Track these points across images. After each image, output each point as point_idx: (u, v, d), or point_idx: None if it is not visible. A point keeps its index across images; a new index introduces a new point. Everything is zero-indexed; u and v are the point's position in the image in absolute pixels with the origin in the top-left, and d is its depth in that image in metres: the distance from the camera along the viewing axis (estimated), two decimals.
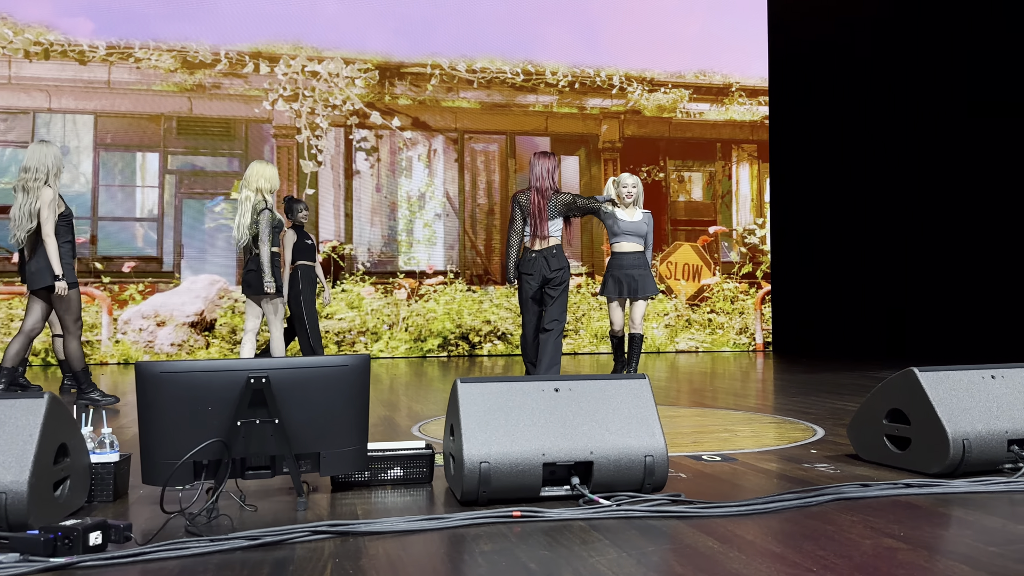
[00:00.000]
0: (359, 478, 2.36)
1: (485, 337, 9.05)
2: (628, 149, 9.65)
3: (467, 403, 2.20)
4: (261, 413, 2.04)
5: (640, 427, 2.23)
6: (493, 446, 2.13)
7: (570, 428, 2.20)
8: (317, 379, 2.09)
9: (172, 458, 1.99)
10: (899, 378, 2.56)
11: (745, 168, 10.08)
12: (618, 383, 2.32)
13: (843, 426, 3.43)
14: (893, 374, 2.62)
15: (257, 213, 4.68)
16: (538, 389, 2.26)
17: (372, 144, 8.94)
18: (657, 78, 9.73)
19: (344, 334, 8.62)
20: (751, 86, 9.98)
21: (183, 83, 8.44)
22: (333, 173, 8.81)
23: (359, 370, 2.13)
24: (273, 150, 8.64)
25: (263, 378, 2.03)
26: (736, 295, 9.82)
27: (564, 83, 9.43)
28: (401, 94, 9.00)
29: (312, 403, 2.09)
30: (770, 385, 6.03)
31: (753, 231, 10.01)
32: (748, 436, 3.34)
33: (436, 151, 9.14)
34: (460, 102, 9.19)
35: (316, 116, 8.73)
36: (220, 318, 8.36)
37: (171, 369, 2.02)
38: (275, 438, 2.05)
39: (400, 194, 8.94)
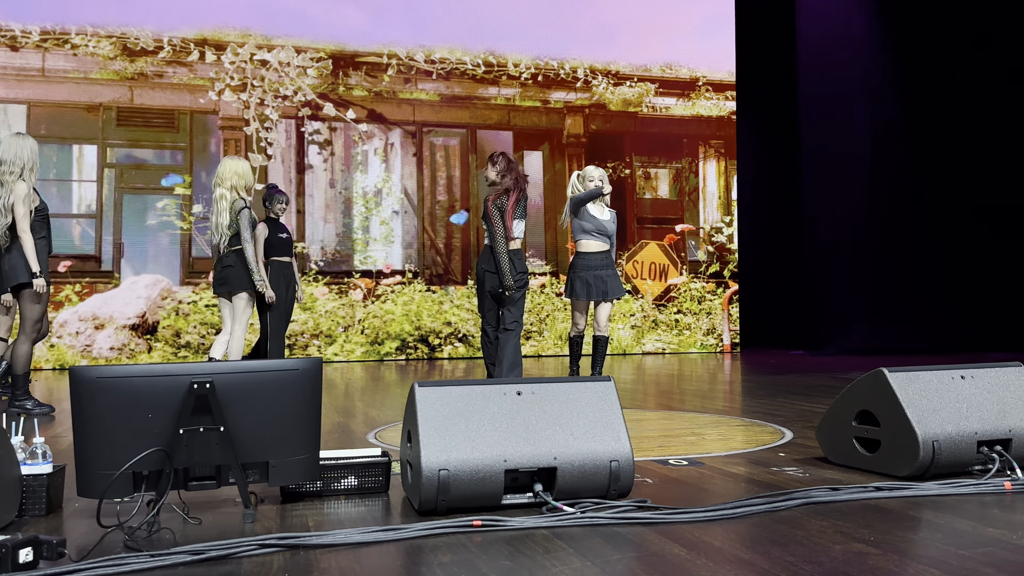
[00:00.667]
0: (311, 488, 2.33)
1: (445, 339, 9.02)
2: (593, 144, 9.70)
3: (425, 408, 2.18)
4: (205, 420, 2.00)
5: (605, 431, 2.24)
6: (452, 453, 2.11)
7: (533, 433, 2.19)
8: (265, 384, 2.06)
9: (110, 469, 1.94)
10: (868, 379, 2.60)
11: (712, 165, 10.19)
12: (583, 386, 2.32)
13: (812, 428, 3.48)
14: (862, 375, 2.66)
15: (236, 212, 4.80)
16: (499, 393, 2.25)
17: (325, 137, 8.85)
18: (623, 71, 9.80)
19: (296, 337, 8.53)
20: (718, 80, 10.10)
21: (123, 71, 8.27)
22: (284, 167, 8.71)
23: (310, 374, 2.10)
24: (219, 143, 8.51)
25: (207, 383, 1.99)
26: (703, 295, 9.92)
27: (527, 75, 9.44)
28: (356, 85, 8.93)
29: (260, 409, 2.05)
30: (738, 387, 6.10)
31: (720, 229, 10.12)
32: (715, 439, 3.37)
33: (393, 145, 9.09)
34: (418, 94, 9.14)
35: (265, 107, 8.62)
36: (163, 320, 8.21)
37: (108, 374, 1.97)
38: (220, 447, 2.02)
39: (355, 190, 8.87)
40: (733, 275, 10.07)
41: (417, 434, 2.14)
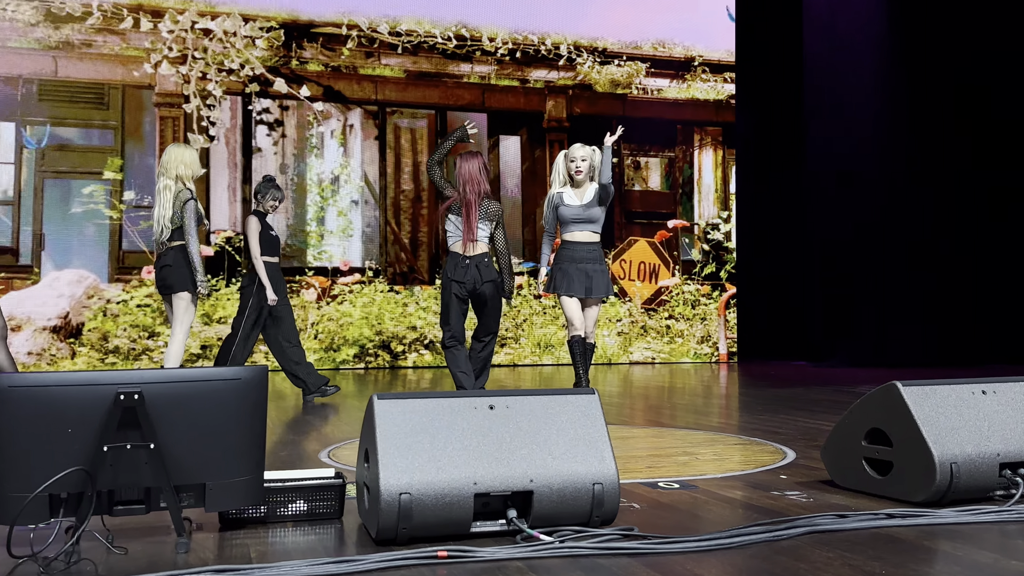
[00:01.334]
0: (254, 514, 2.30)
1: (409, 346, 8.98)
2: (577, 129, 9.71)
3: (385, 423, 2.15)
4: (133, 436, 1.97)
5: (588, 450, 2.23)
6: (415, 474, 2.09)
7: (507, 452, 2.18)
8: (203, 395, 2.02)
9: (23, 491, 1.89)
10: (880, 394, 2.61)
11: (709, 154, 10.25)
12: (563, 399, 2.31)
13: (816, 448, 3.50)
14: (873, 389, 2.67)
15: (182, 204, 4.87)
16: (470, 406, 2.23)
17: (276, 116, 8.78)
18: (610, 48, 9.83)
19: None
20: (716, 60, 10.17)
21: (46, 39, 8.14)
22: (228, 150, 8.62)
23: (255, 384, 2.07)
24: (155, 121, 8.41)
25: (135, 393, 1.96)
26: (698, 299, 9.98)
27: (504, 51, 9.44)
28: (311, 58, 8.87)
29: (196, 424, 2.02)
30: (735, 401, 6.13)
31: (717, 226, 10.18)
32: (710, 459, 3.38)
33: (353, 126, 9.03)
34: (382, 70, 9.10)
35: (208, 82, 8.53)
36: (88, 322, 8.09)
37: (22, 383, 1.92)
38: (150, 466, 1.98)
39: (310, 177, 8.81)
40: (731, 277, 10.13)
41: (375, 453, 2.11)
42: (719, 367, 9.40)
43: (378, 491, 2.07)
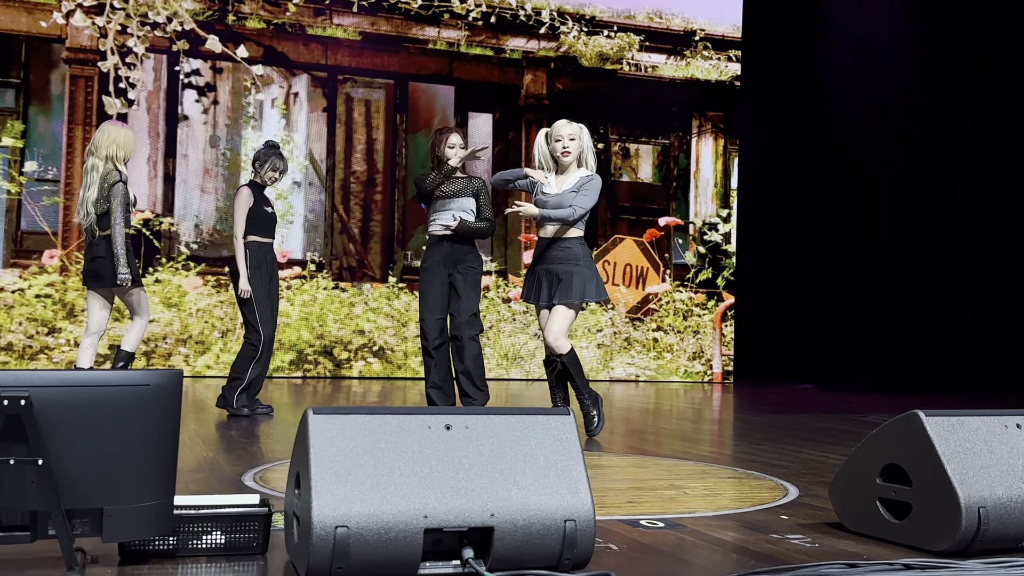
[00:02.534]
0: (161, 546, 2.25)
1: (356, 353, 8.94)
2: (558, 107, 9.70)
3: (321, 443, 2.11)
4: (17, 450, 1.91)
5: (559, 481, 2.20)
6: (355, 504, 2.05)
7: (464, 481, 2.14)
8: (104, 403, 1.97)
9: None
10: (898, 424, 2.61)
11: (708, 143, 10.30)
12: (532, 420, 2.28)
13: (822, 485, 3.51)
14: (890, 419, 2.66)
15: (109, 186, 5.06)
16: (422, 425, 2.19)
17: (207, 80, 8.69)
18: (600, 17, 9.85)
19: (156, 342, 8.35)
20: (720, 35, 10.22)
21: None
22: (150, 117, 8.53)
23: (166, 392, 2.02)
24: (65, 80, 8.29)
25: (22, 398, 1.90)
26: (690, 308, 10.01)
27: (477, 15, 9.42)
28: (251, 14, 8.79)
29: (95, 437, 1.97)
30: (729, 428, 6.15)
31: (715, 226, 10.23)
32: (700, 495, 3.37)
33: (298, 95, 8.97)
34: (334, 31, 9.04)
35: (129, 37, 8.43)
36: None
37: None
38: (37, 486, 1.92)
39: (245, 151, 8.73)
40: (729, 285, 10.18)
41: (308, 478, 2.07)
42: (712, 388, 9.44)
43: (310, 523, 2.02)
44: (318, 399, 6.99)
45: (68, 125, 8.25)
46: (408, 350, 9.07)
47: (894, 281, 9.74)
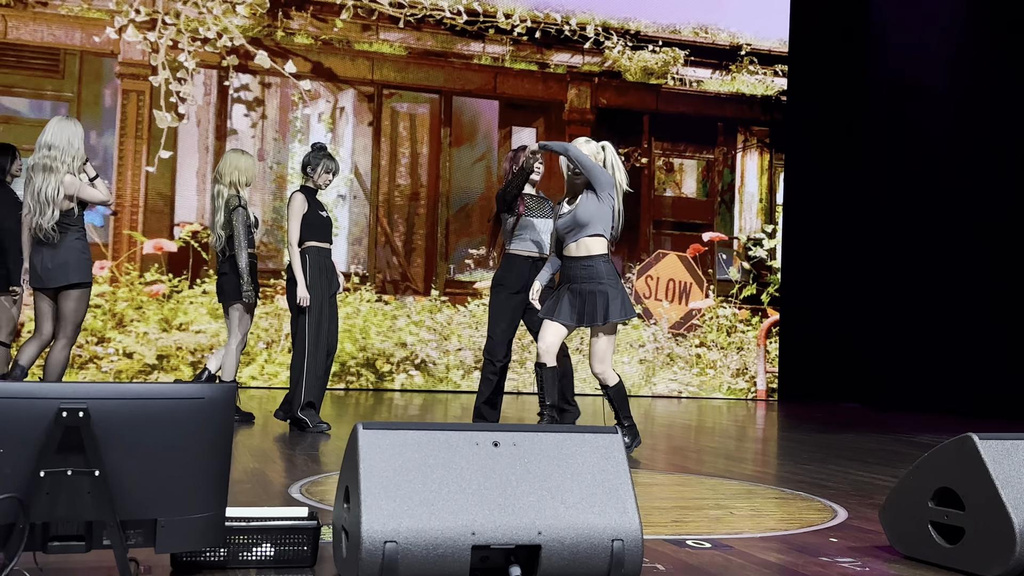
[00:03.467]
0: (212, 557, 2.27)
1: (398, 366, 8.97)
2: (603, 123, 9.70)
3: (370, 458, 2.12)
4: (75, 461, 1.93)
5: (607, 500, 2.19)
6: (404, 519, 2.06)
7: (512, 498, 2.15)
8: (159, 415, 2.00)
9: None
10: (952, 447, 2.58)
11: (754, 158, 10.24)
12: (579, 438, 2.28)
13: (872, 507, 3.47)
14: (941, 440, 2.63)
15: (231, 211, 5.38)
16: (470, 442, 2.20)
17: (256, 95, 8.80)
18: (644, 32, 9.84)
19: (203, 353, 8.44)
20: (766, 49, 10.17)
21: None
22: (199, 131, 8.64)
23: (220, 405, 2.05)
24: (117, 93, 8.43)
25: (80, 410, 1.92)
26: (734, 325, 9.94)
27: (521, 30, 9.45)
28: (299, 29, 8.89)
29: (149, 449, 1.99)
30: (774, 446, 6.10)
31: (760, 242, 10.16)
32: (746, 515, 3.35)
33: (344, 110, 9.05)
34: (380, 46, 9.12)
35: (180, 52, 8.55)
36: (29, 323, 8.07)
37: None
38: (93, 497, 1.94)
39: (292, 165, 8.82)
40: (774, 301, 10.09)
41: (358, 492, 2.08)
42: (756, 405, 9.36)
43: (359, 537, 2.04)
44: (360, 412, 7.03)
45: (120, 138, 8.38)
46: (450, 364, 9.09)
47: (943, 298, 9.59)
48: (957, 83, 9.63)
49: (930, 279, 9.63)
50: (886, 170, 10.00)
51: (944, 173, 9.65)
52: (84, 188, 4.89)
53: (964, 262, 9.52)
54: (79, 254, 4.89)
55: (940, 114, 9.72)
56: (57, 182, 4.79)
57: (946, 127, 9.69)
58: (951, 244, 9.57)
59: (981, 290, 9.49)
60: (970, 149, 9.58)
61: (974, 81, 9.59)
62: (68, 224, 4.87)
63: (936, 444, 2.67)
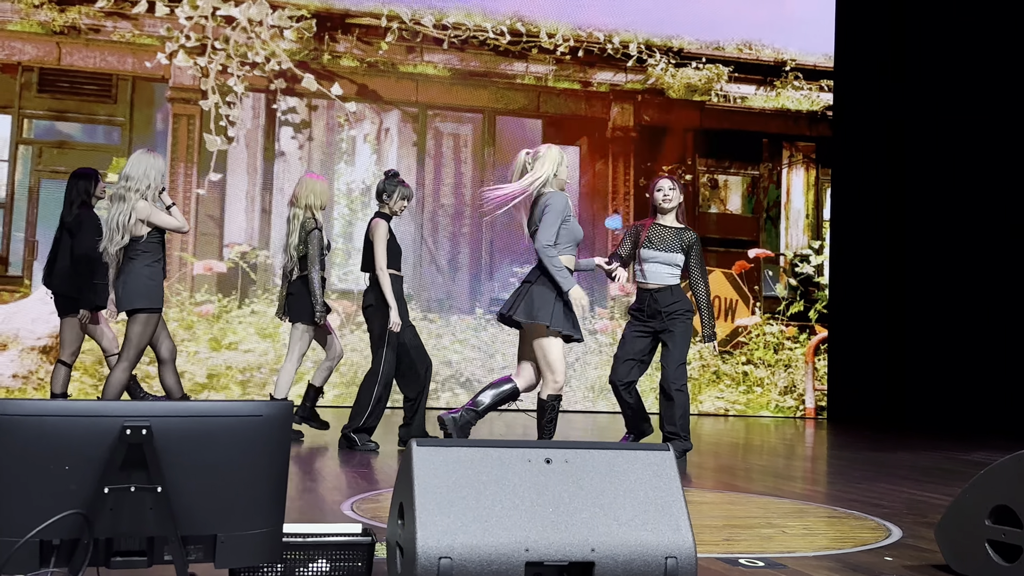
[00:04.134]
0: (269, 572, 2.29)
1: (443, 384, 8.99)
2: (645, 140, 9.70)
3: (425, 474, 2.14)
4: (138, 477, 1.96)
5: (660, 517, 2.19)
6: (458, 535, 2.07)
7: (565, 515, 2.15)
8: (219, 433, 2.03)
9: (11, 535, 1.90)
10: (1009, 464, 2.55)
11: (800, 173, 10.17)
12: (632, 455, 2.28)
13: (927, 525, 3.43)
14: (997, 459, 2.60)
15: (307, 233, 5.52)
16: (523, 459, 2.21)
17: (303, 117, 8.91)
18: (688, 49, 9.83)
19: (252, 372, 8.52)
20: (811, 65, 10.11)
21: (50, 23, 8.38)
22: (248, 153, 8.76)
23: (278, 423, 2.07)
24: (168, 117, 8.58)
25: (143, 428, 1.96)
26: (781, 342, 9.86)
27: (564, 49, 9.49)
28: (345, 53, 8.99)
29: (210, 465, 2.02)
30: (824, 465, 6.04)
31: (807, 258, 10.07)
32: (798, 534, 3.33)
33: (389, 131, 9.13)
34: (424, 67, 9.20)
35: (229, 76, 8.69)
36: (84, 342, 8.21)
37: (16, 411, 1.94)
38: (155, 513, 1.97)
39: (338, 186, 8.90)
40: (822, 318, 9.99)
41: (413, 508, 2.10)
42: (805, 424, 9.26)
43: (414, 553, 2.05)
44: None
45: (171, 161, 8.53)
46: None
47: (996, 315, 9.44)
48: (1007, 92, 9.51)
49: (982, 296, 9.49)
50: (935, 185, 9.89)
51: (997, 189, 9.52)
52: (156, 213, 5.05)
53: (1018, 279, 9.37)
54: (147, 280, 5.02)
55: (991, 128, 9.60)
56: (128, 208, 4.97)
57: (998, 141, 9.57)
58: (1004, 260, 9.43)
59: None
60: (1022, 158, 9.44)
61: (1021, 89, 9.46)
62: (140, 251, 5.03)
63: (990, 462, 2.64)
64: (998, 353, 9.38)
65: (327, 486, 4.06)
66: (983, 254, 9.50)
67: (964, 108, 9.67)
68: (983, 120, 9.59)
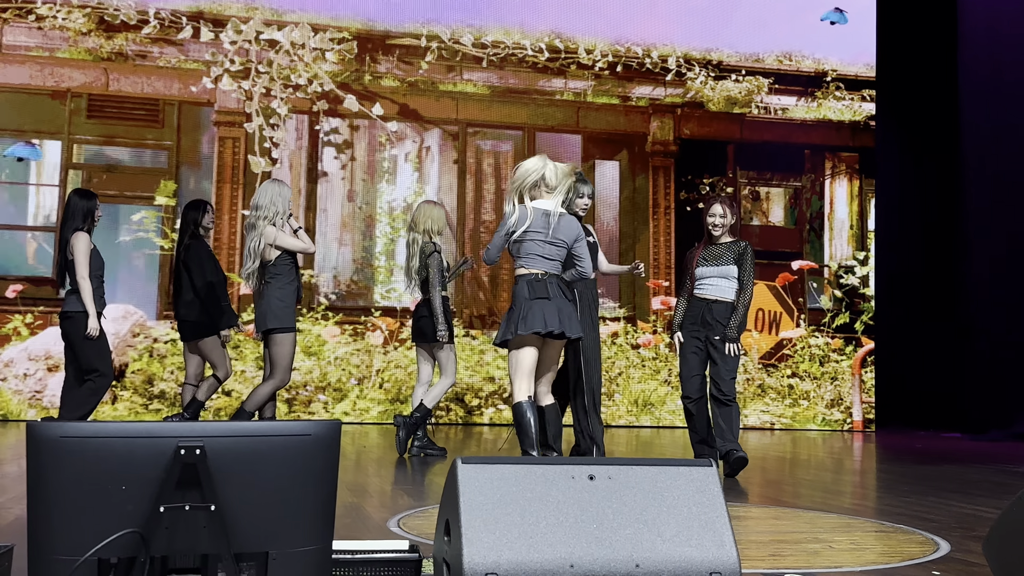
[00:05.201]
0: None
1: (486, 400, 9.02)
2: (686, 154, 9.70)
3: (470, 491, 2.17)
4: (192, 496, 2.01)
5: (704, 532, 2.21)
6: (504, 552, 2.10)
7: (609, 531, 2.17)
8: (270, 452, 2.07)
9: (70, 554, 1.96)
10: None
11: (843, 185, 10.10)
12: (675, 471, 2.30)
13: (976, 539, 3.39)
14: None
15: (427, 256, 5.80)
16: (566, 475, 2.24)
17: (345, 138, 9.01)
18: (727, 61, 9.82)
19: (298, 390, 8.61)
20: (853, 75, 10.05)
21: (98, 49, 8.56)
22: (292, 174, 8.88)
23: (327, 442, 2.11)
24: (214, 140, 8.73)
25: (197, 448, 2.01)
26: (827, 354, 9.78)
27: (603, 64, 9.52)
28: (386, 73, 9.10)
29: (261, 484, 2.06)
30: (872, 479, 5.98)
31: (852, 269, 9.99)
32: (845, 549, 3.30)
33: (430, 149, 9.20)
34: (464, 86, 9.27)
35: (272, 99, 8.83)
36: (133, 363, 8.37)
37: (76, 432, 2.00)
38: (209, 531, 2.02)
39: (380, 204, 8.99)
40: (868, 329, 9.90)
41: (459, 525, 2.13)
42: (852, 437, 9.17)
43: (460, 569, 2.08)
44: (451, 445, 7.09)
45: (217, 184, 8.67)
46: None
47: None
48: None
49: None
50: (978, 193, 9.78)
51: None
52: (281, 237, 5.36)
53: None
54: (277, 302, 5.35)
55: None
56: (258, 235, 5.33)
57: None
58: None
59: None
60: None
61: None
62: (273, 274, 5.39)
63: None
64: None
65: (373, 504, 4.10)
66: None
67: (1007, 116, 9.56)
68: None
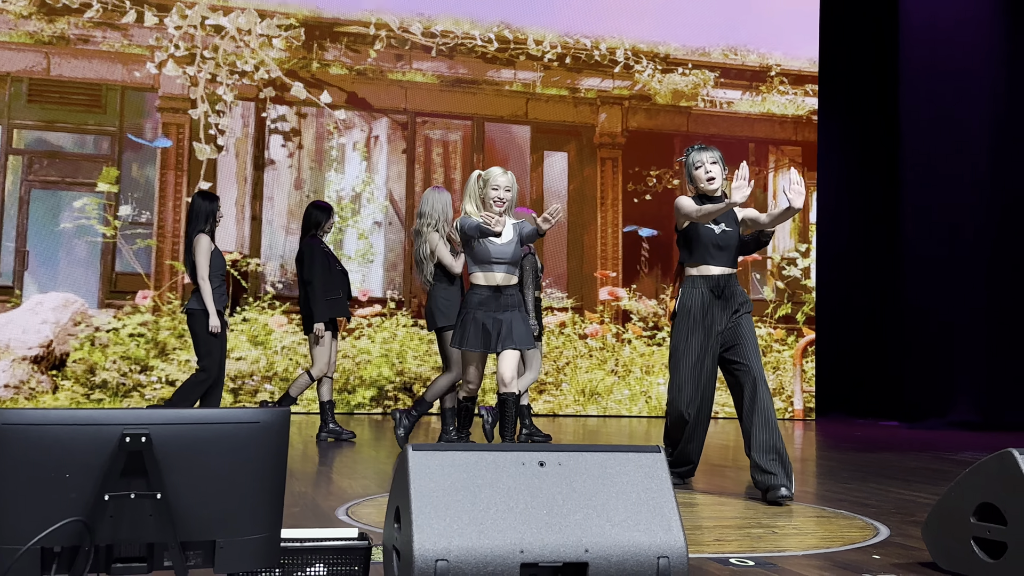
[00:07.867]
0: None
1: None
2: (633, 145, 9.75)
3: (421, 478, 2.17)
4: (138, 484, 1.98)
5: (652, 517, 2.22)
6: (454, 538, 2.10)
7: (558, 517, 2.18)
8: (218, 440, 2.05)
9: (13, 543, 1.92)
10: (992, 463, 2.59)
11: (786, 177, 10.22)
12: (623, 457, 2.31)
13: (913, 524, 3.47)
14: (982, 457, 2.65)
15: (434, 245, 5.81)
16: (516, 462, 2.25)
17: (292, 125, 8.93)
18: (674, 55, 9.89)
19: (244, 379, 8.53)
20: (796, 70, 10.18)
21: (39, 34, 8.38)
22: (238, 162, 8.78)
23: (275, 429, 2.09)
24: (158, 126, 8.59)
25: (142, 436, 1.98)
26: (769, 344, 9.91)
27: (552, 56, 9.53)
28: (334, 60, 9.02)
29: (209, 472, 2.03)
30: (812, 466, 6.08)
31: (794, 260, 10.13)
32: (789, 534, 3.36)
33: (378, 138, 9.15)
34: (413, 75, 9.23)
35: (218, 85, 8.71)
36: (74, 352, 8.22)
37: (16, 420, 1.96)
38: (155, 519, 1.99)
39: (328, 193, 8.92)
40: (809, 320, 10.05)
41: (409, 512, 2.13)
42: (793, 425, 9.31)
43: (411, 556, 2.08)
44: None
45: (160, 171, 8.54)
46: (486, 387, 9.11)
47: (983, 314, 9.52)
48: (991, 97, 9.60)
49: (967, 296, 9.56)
50: (919, 185, 9.96)
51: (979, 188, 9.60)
52: (440, 247, 5.65)
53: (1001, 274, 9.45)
54: (443, 301, 5.67)
55: (974, 130, 9.68)
56: (423, 241, 5.68)
57: (980, 143, 9.65)
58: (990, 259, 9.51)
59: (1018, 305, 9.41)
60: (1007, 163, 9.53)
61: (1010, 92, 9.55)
62: (440, 275, 5.71)
63: (976, 461, 2.68)
64: (985, 350, 9.45)
65: (322, 493, 4.08)
66: (969, 254, 9.57)
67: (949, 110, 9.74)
68: (968, 121, 9.67)
